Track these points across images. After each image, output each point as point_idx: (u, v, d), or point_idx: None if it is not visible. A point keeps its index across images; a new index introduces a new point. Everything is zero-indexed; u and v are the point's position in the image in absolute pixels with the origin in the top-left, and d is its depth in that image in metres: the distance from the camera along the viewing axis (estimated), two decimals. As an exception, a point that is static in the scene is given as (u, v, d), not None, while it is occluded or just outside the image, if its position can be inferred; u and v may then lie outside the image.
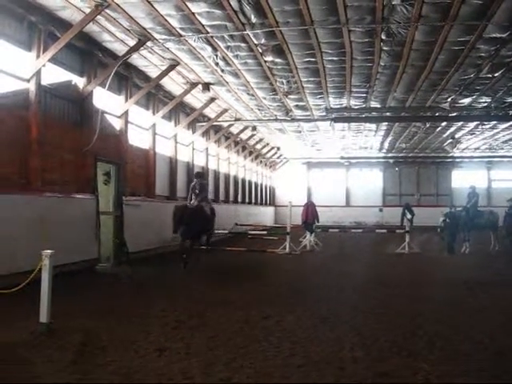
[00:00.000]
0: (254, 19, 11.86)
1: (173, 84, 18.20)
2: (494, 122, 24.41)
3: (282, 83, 17.69)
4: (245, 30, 12.62)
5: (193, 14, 11.68)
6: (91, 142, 13.35)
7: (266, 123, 25.46)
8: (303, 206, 21.75)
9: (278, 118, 23.57)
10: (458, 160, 38.99)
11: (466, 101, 19.76)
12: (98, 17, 11.65)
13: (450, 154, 36.20)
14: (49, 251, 6.96)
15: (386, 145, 33.31)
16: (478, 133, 28.07)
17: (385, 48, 13.77)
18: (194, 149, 23.06)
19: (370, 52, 14.19)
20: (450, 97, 19.17)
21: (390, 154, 37.31)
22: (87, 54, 13.64)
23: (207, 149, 25.18)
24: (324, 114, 22.04)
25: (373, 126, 26.64)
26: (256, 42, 13.50)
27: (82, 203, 13.08)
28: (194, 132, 22.77)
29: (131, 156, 16.44)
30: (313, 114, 22.91)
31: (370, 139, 31.08)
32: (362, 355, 6.16)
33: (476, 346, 6.61)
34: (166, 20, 12.09)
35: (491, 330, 7.45)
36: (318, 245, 20.84)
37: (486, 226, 19.14)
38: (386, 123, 25.53)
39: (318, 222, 21.38)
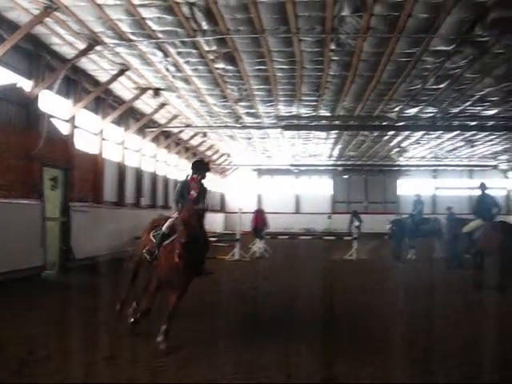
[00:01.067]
0: (205, 26, 11.86)
1: (123, 89, 17.98)
2: (440, 132, 24.97)
3: (233, 90, 17.73)
4: (196, 37, 12.61)
5: (143, 19, 11.60)
6: (38, 146, 13.06)
7: (216, 130, 25.45)
8: (253, 212, 21.86)
9: (229, 124, 23.60)
10: (404, 168, 39.80)
11: (413, 111, 20.26)
12: (47, 19, 11.45)
13: (397, 163, 36.96)
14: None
15: (335, 153, 33.71)
16: (423, 142, 28.77)
17: (334, 58, 14.00)
18: (143, 155, 22.86)
19: (319, 61, 14.41)
20: (397, 107, 19.60)
21: (339, 162, 37.76)
22: (35, 56, 13.31)
23: (156, 155, 24.99)
24: (274, 121, 22.23)
25: (322, 134, 26.90)
26: (207, 48, 13.50)
27: (28, 209, 12.74)
28: (143, 138, 22.54)
29: (79, 161, 16.13)
30: (263, 122, 23.02)
31: (320, 147, 31.40)
32: (310, 361, 6.24)
33: (422, 350, 6.78)
34: (116, 24, 11.96)
35: (436, 335, 7.66)
36: (268, 251, 20.91)
37: (431, 232, 19.63)
38: (335, 131, 25.80)
39: (267, 228, 21.53)
